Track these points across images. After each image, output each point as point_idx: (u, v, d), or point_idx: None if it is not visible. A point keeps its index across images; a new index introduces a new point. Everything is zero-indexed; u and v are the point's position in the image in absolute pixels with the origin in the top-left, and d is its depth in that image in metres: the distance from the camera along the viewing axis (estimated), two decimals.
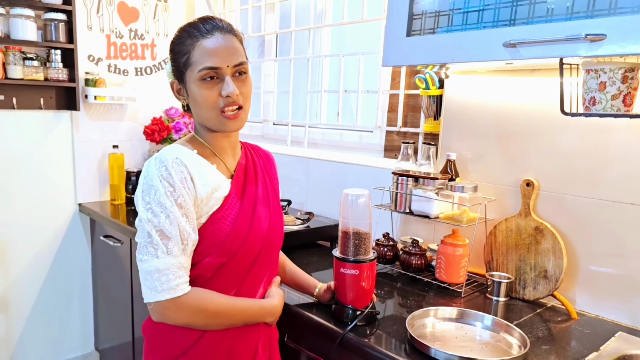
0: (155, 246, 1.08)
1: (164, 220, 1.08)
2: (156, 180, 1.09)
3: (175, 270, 1.08)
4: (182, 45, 1.16)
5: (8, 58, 2.35)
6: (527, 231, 1.58)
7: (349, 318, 1.33)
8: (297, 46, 2.63)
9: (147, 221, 1.08)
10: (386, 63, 1.47)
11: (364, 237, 1.32)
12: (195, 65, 1.13)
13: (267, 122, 2.84)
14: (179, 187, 1.09)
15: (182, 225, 1.09)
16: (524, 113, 1.61)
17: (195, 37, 1.14)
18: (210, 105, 1.14)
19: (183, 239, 1.09)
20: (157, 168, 1.10)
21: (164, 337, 1.18)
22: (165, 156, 1.12)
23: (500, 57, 1.22)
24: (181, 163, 1.12)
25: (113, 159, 2.77)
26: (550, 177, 1.57)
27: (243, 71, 1.17)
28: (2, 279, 2.57)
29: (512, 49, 1.20)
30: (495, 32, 1.23)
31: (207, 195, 1.15)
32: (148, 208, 1.09)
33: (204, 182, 1.14)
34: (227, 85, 1.13)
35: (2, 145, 2.48)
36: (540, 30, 1.15)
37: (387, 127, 2.17)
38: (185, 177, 1.11)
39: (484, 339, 1.31)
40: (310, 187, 2.38)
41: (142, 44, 2.85)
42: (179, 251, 1.08)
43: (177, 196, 1.09)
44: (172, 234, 1.08)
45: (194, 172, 1.13)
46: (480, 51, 1.26)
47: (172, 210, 1.08)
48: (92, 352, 2.95)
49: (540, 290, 1.56)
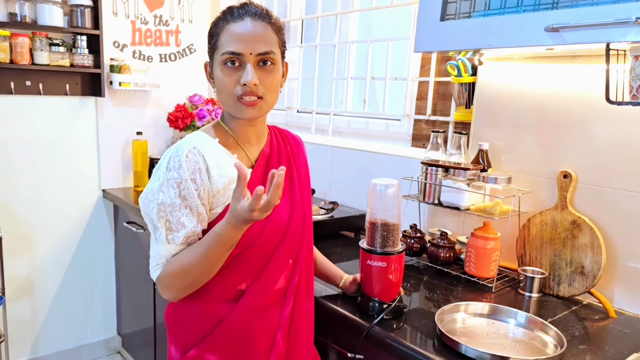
0: (151, 232, 1.15)
1: (154, 210, 1.10)
2: (162, 170, 1.12)
3: (159, 258, 1.12)
4: (214, 27, 1.16)
5: (35, 44, 2.35)
6: (564, 225, 1.52)
7: (375, 311, 1.30)
8: (323, 32, 2.58)
9: (144, 206, 1.13)
10: (419, 49, 1.41)
11: (392, 228, 1.28)
12: (220, 49, 1.12)
13: (291, 109, 2.80)
14: (187, 179, 1.09)
15: (177, 217, 1.09)
16: (562, 101, 1.54)
17: (226, 20, 1.13)
18: (229, 90, 1.13)
19: (174, 230, 1.10)
20: (171, 158, 1.11)
21: (186, 322, 1.21)
22: (182, 147, 1.12)
23: (542, 42, 1.16)
24: (198, 153, 1.11)
25: (137, 146, 2.76)
26: (589, 168, 1.50)
27: (269, 61, 1.13)
28: (27, 262, 2.60)
29: (555, 34, 1.13)
30: (536, 16, 1.16)
31: (224, 187, 1.14)
32: (150, 193, 1.12)
33: (221, 174, 1.13)
34: (246, 74, 1.10)
35: (29, 130, 2.49)
36: (585, 14, 1.08)
37: (415, 116, 2.11)
38: (200, 167, 1.11)
39: (517, 336, 1.26)
40: (334, 176, 2.33)
41: (166, 30, 2.83)
42: (163, 241, 1.11)
43: (183, 188, 1.09)
44: (158, 224, 1.11)
45: (212, 163, 1.12)
46: (520, 36, 1.20)
47: (168, 202, 1.09)
48: (115, 336, 2.98)
49: (576, 286, 1.50)
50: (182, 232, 1.10)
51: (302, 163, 1.33)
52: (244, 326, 1.18)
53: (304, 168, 1.33)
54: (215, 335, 1.17)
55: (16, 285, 2.56)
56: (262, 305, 1.19)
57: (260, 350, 1.20)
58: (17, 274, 2.56)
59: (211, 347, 1.18)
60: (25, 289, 2.61)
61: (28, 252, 2.59)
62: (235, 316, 1.17)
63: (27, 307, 2.64)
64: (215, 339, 1.17)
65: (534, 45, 1.18)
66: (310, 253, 1.30)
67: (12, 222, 2.50)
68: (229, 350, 1.18)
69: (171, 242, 1.11)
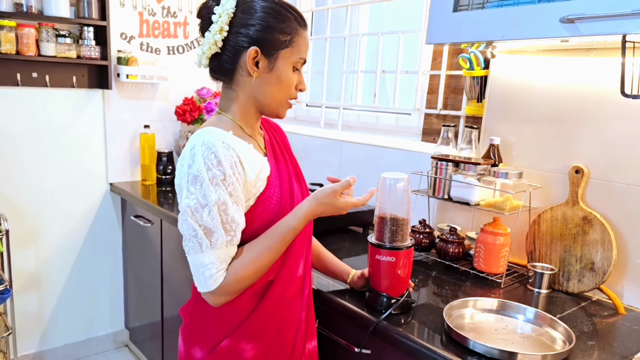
0: (200, 240, 1.06)
1: (206, 215, 1.05)
2: (203, 170, 1.05)
3: (219, 264, 1.07)
4: (286, 24, 1.15)
5: (41, 35, 2.34)
6: (574, 221, 1.50)
7: (383, 306, 1.28)
8: (333, 24, 2.56)
9: (191, 214, 1.06)
10: (431, 40, 1.40)
11: (401, 223, 1.26)
12: (297, 51, 1.17)
13: (300, 103, 2.78)
14: (230, 175, 1.07)
15: (231, 215, 1.07)
16: (576, 96, 1.52)
17: (299, 23, 1.17)
18: (289, 91, 1.19)
19: (230, 230, 1.08)
20: (204, 156, 1.06)
21: (214, 319, 1.19)
22: (212, 141, 1.07)
23: (557, 33, 1.14)
24: (229, 147, 1.09)
25: (144, 139, 2.76)
26: (601, 164, 1.48)
27: None
28: (34, 256, 2.60)
29: (570, 25, 1.11)
30: (551, 7, 1.14)
31: (255, 177, 1.13)
32: (193, 200, 1.06)
33: (251, 165, 1.13)
34: (304, 81, 1.22)
35: (35, 122, 2.49)
36: (601, 5, 1.06)
37: (426, 110, 2.09)
38: (236, 161, 1.09)
39: (525, 332, 1.25)
40: (343, 171, 2.32)
41: (174, 22, 2.81)
42: (222, 243, 1.07)
43: (227, 184, 1.06)
44: (215, 227, 1.06)
45: (242, 155, 1.11)
46: (534, 27, 1.18)
47: (220, 201, 1.05)
48: (122, 330, 2.98)
49: (585, 283, 1.48)
50: (238, 229, 1.09)
51: (290, 149, 1.36)
52: (275, 314, 1.20)
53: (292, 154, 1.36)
54: (247, 325, 1.17)
55: (24, 279, 2.57)
56: (289, 293, 1.21)
57: (290, 334, 1.23)
58: (24, 267, 2.57)
59: (244, 335, 1.18)
60: (32, 282, 2.62)
61: (35, 246, 2.60)
62: (268, 306, 1.18)
63: (35, 300, 2.65)
64: (249, 329, 1.18)
65: (549, 36, 1.16)
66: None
67: (19, 215, 2.50)
68: (263, 339, 1.20)
69: (229, 244, 1.08)
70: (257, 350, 1.19)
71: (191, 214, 1.06)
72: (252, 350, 1.19)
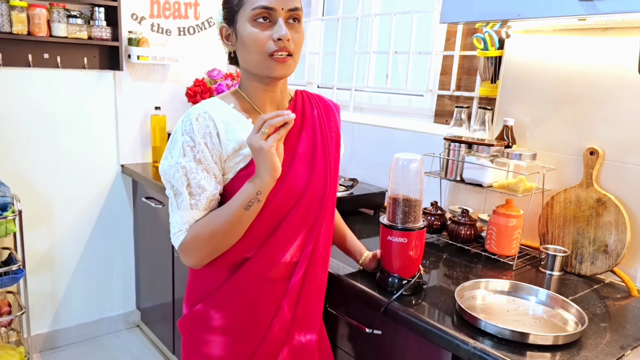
0: (170, 199, 1.15)
1: (175, 176, 1.11)
2: (178, 134, 1.12)
3: (182, 224, 1.13)
4: None
5: (52, 15, 2.34)
6: (588, 203, 1.49)
7: (394, 287, 1.28)
8: (345, 5, 2.53)
9: (164, 173, 1.14)
10: (445, 19, 1.38)
11: (414, 204, 1.26)
12: (249, 4, 1.10)
13: (311, 84, 2.76)
14: (199, 143, 1.10)
15: (197, 180, 1.10)
16: (592, 76, 1.49)
17: None
18: (260, 47, 1.10)
19: (195, 194, 1.11)
20: (183, 122, 1.13)
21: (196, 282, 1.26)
22: (193, 111, 1.13)
23: (575, 12, 1.12)
24: (208, 118, 1.12)
25: (155, 121, 2.76)
26: (617, 145, 1.46)
27: (297, 17, 1.13)
28: (47, 236, 2.63)
29: (588, 3, 1.10)
30: None
31: (234, 151, 1.14)
32: (167, 161, 1.13)
33: (230, 138, 1.13)
34: (280, 28, 1.09)
35: (47, 104, 2.49)
36: None
37: (439, 91, 2.07)
38: (210, 132, 1.11)
39: (537, 313, 1.24)
40: (354, 153, 2.31)
41: (185, 3, 2.79)
42: (187, 206, 1.12)
43: (196, 151, 1.10)
44: (181, 189, 1.11)
45: (222, 127, 1.13)
46: (552, 6, 1.16)
47: (187, 166, 1.10)
48: (134, 310, 3.02)
49: (598, 265, 1.47)
50: (203, 195, 1.11)
51: (332, 130, 1.27)
52: (247, 291, 1.20)
53: (335, 135, 1.27)
54: (218, 294, 1.20)
55: (36, 259, 2.60)
56: (269, 276, 1.19)
57: (264, 315, 1.22)
58: (37, 247, 2.59)
59: (215, 304, 1.21)
60: (45, 262, 2.64)
61: (48, 226, 2.62)
62: (237, 281, 1.19)
63: (48, 280, 2.68)
64: (219, 298, 1.21)
65: (567, 15, 1.15)
66: (331, 224, 1.28)
67: (32, 195, 2.52)
68: (233, 311, 1.21)
69: (194, 208, 1.12)
70: (225, 321, 1.21)
71: (164, 173, 1.14)
72: (220, 319, 1.21)
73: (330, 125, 1.26)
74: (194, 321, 1.24)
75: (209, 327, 1.22)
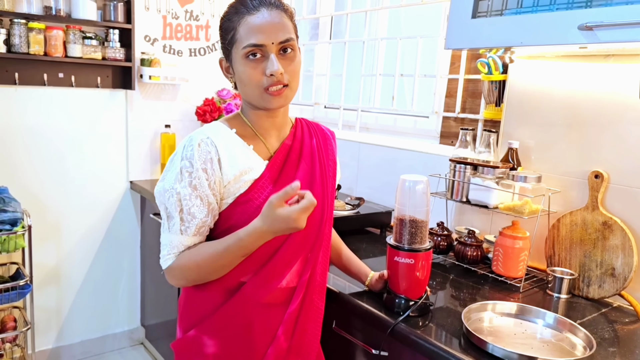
0: (163, 221, 1.16)
1: (170, 200, 1.12)
2: (177, 159, 1.13)
3: (171, 248, 1.14)
4: (229, 22, 1.14)
5: (68, 37, 2.40)
6: (594, 226, 1.49)
7: (401, 308, 1.28)
8: (352, 29, 2.57)
9: (159, 195, 1.14)
10: (449, 45, 1.41)
11: (420, 225, 1.27)
12: (240, 42, 1.11)
13: (318, 104, 2.80)
14: (198, 169, 1.11)
15: (189, 207, 1.11)
16: (595, 101, 1.51)
17: (241, 13, 1.12)
18: (255, 83, 1.12)
19: (185, 220, 1.12)
20: (184, 147, 1.13)
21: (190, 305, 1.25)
22: (196, 136, 1.13)
23: (575, 40, 1.14)
24: (211, 144, 1.12)
25: (165, 139, 2.80)
26: (621, 169, 1.47)
27: (290, 48, 1.14)
28: (54, 251, 2.65)
29: (588, 32, 1.12)
30: (570, 14, 1.15)
31: (235, 178, 1.14)
32: (163, 184, 1.14)
33: (232, 164, 1.14)
34: (272, 64, 1.10)
35: (60, 121, 2.54)
36: (619, 12, 1.07)
37: (444, 113, 2.09)
38: (212, 158, 1.12)
39: (545, 337, 1.24)
40: (360, 172, 2.33)
41: (197, 25, 2.86)
42: (177, 231, 1.13)
43: (194, 177, 1.11)
44: (174, 213, 1.12)
45: (224, 153, 1.13)
46: (553, 34, 1.19)
47: (182, 192, 1.11)
48: (138, 327, 3.02)
49: (606, 288, 1.47)
50: (193, 222, 1.12)
51: (328, 158, 1.30)
52: (241, 318, 1.18)
53: (331, 163, 1.30)
54: (212, 320, 1.19)
55: (43, 274, 2.62)
56: (265, 301, 1.18)
57: (259, 343, 1.20)
58: (44, 262, 2.61)
59: (208, 330, 1.20)
60: (51, 277, 2.66)
61: (55, 242, 2.65)
62: (232, 307, 1.18)
63: (53, 296, 2.69)
64: (213, 324, 1.19)
65: (568, 43, 1.17)
66: (328, 251, 1.29)
67: (41, 210, 2.55)
68: (227, 338, 1.19)
69: (184, 233, 1.13)
70: (219, 349, 1.20)
71: (159, 195, 1.14)
72: (214, 347, 1.20)
73: (327, 153, 1.30)
74: (187, 347, 1.23)
75: (202, 354, 1.20)
